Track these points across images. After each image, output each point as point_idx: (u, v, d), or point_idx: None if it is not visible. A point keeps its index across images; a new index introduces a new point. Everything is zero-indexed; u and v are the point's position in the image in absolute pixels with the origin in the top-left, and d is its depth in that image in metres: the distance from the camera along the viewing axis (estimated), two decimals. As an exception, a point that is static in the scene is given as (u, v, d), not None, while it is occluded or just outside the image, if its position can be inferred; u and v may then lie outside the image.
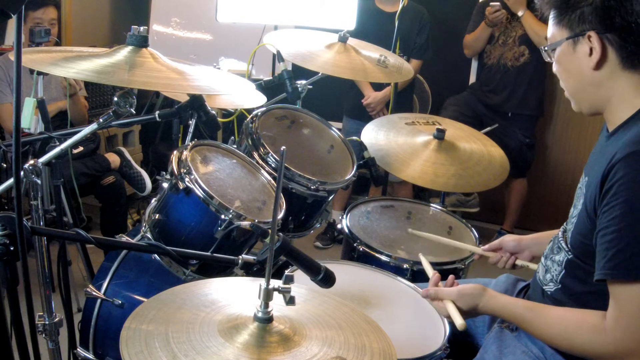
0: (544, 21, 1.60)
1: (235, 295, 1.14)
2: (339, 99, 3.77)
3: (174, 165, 1.54)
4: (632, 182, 1.15)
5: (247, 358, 0.95)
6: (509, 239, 1.73)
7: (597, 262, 1.21)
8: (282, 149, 1.00)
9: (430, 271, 1.64)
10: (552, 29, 1.35)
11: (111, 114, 1.46)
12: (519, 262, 1.71)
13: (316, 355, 0.99)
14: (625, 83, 1.27)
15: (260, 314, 1.01)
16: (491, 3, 3.52)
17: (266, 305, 1.01)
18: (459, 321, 1.38)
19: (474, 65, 4.01)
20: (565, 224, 1.44)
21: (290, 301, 1.03)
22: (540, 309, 1.34)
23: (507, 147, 2.27)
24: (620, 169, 1.17)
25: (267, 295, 1.01)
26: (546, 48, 1.37)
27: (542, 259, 1.49)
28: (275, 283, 1.03)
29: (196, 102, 1.68)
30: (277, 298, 1.03)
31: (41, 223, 1.56)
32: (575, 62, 1.30)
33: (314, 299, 1.19)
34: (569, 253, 1.35)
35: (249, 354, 0.96)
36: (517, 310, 1.36)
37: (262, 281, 1.01)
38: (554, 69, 1.38)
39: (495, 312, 1.40)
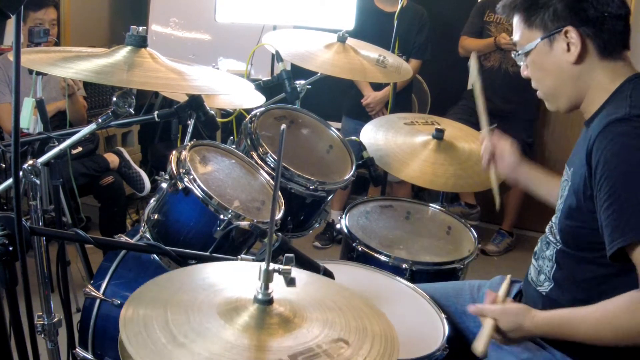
0: None
1: (233, 278, 1.13)
2: (338, 99, 3.77)
3: (173, 165, 1.54)
4: (612, 151, 1.18)
5: (247, 339, 0.94)
6: (510, 156, 1.70)
7: (609, 234, 1.19)
8: (282, 127, 0.99)
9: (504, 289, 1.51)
10: (521, 32, 1.36)
11: (110, 114, 1.46)
12: (492, 177, 1.70)
13: (317, 337, 0.97)
14: (602, 72, 1.30)
15: (260, 296, 1.00)
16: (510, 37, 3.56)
17: (266, 287, 1.00)
18: (480, 348, 1.31)
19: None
20: (550, 221, 1.46)
21: (291, 282, 1.01)
22: (578, 311, 1.26)
23: None
24: (600, 142, 1.20)
25: (267, 277, 0.99)
26: (519, 52, 1.38)
27: (533, 261, 1.50)
28: (275, 265, 1.01)
29: (195, 102, 1.68)
30: (277, 282, 1.01)
31: (40, 223, 1.56)
32: (553, 60, 1.32)
33: (314, 283, 1.18)
34: (558, 244, 1.36)
35: (249, 335, 0.95)
36: (563, 319, 1.28)
37: (262, 263, 1.00)
38: (525, 72, 1.39)
39: (540, 329, 1.31)
